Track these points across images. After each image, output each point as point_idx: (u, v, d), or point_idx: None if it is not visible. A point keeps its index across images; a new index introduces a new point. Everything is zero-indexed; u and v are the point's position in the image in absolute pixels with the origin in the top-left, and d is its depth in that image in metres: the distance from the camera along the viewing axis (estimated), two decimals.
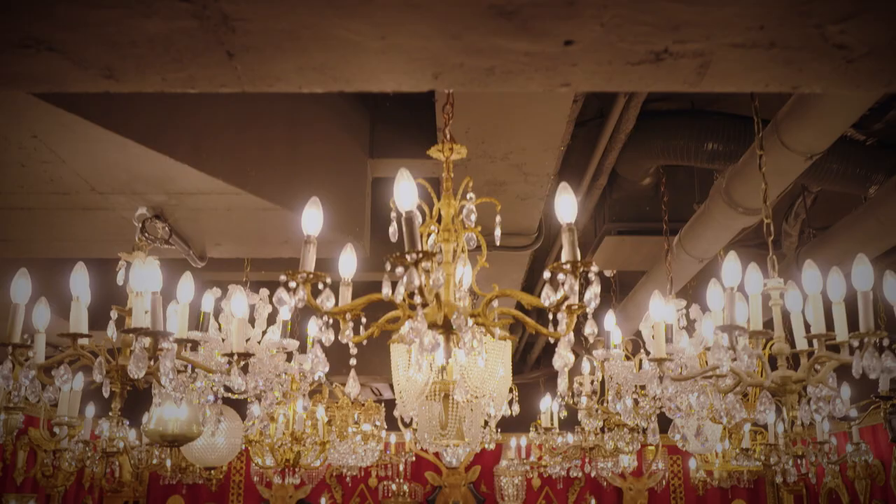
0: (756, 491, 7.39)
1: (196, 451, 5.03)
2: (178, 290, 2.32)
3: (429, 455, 7.17)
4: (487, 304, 1.92)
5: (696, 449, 4.43)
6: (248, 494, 7.40)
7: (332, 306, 1.86)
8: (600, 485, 7.34)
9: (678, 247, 3.63)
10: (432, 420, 3.37)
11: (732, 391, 2.51)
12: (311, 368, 1.90)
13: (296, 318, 4.83)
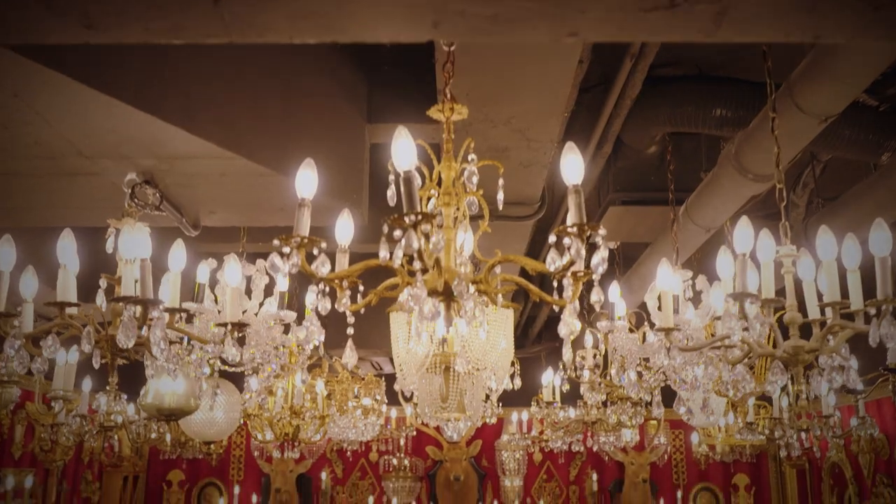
0: (758, 465, 7.37)
1: (194, 425, 4.98)
2: (170, 258, 2.24)
3: (429, 429, 7.13)
4: (490, 270, 1.84)
5: (700, 423, 4.38)
6: (248, 469, 7.38)
7: (327, 273, 1.78)
8: (602, 459, 7.31)
9: (684, 216, 3.54)
10: (433, 393, 3.31)
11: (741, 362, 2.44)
12: (306, 337, 1.82)
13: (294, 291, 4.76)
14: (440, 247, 1.61)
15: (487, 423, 5.91)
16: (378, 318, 3.92)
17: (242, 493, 7.25)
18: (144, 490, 7.33)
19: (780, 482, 7.28)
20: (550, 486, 7.35)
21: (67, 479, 6.09)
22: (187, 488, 7.36)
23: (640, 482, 7.04)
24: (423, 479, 7.27)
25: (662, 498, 7.24)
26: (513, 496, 7.16)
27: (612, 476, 7.34)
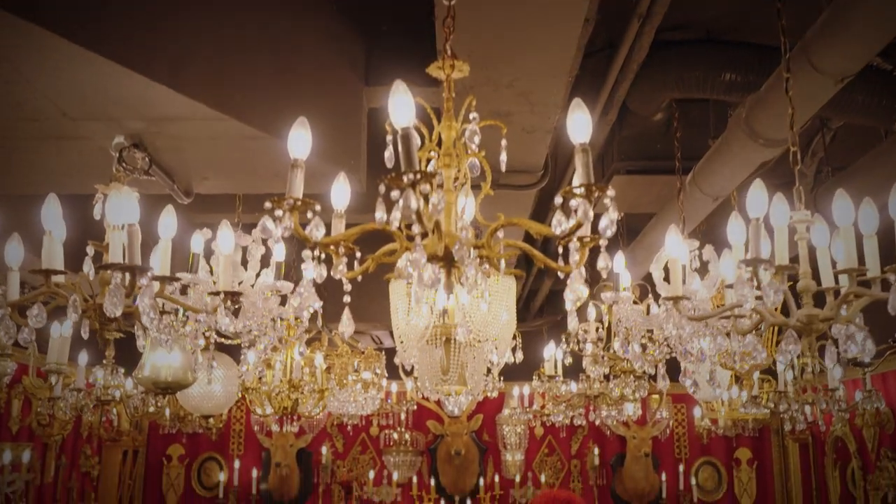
0: (761, 439, 7.33)
1: (192, 399, 4.93)
2: (160, 225, 2.16)
3: (430, 404, 7.09)
4: (492, 234, 1.76)
5: (705, 396, 4.32)
6: (248, 443, 7.35)
7: (322, 236, 1.70)
8: (603, 433, 7.28)
9: (691, 185, 3.45)
10: (433, 366, 3.24)
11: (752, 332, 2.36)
12: (301, 304, 1.74)
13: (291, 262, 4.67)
14: (440, 208, 1.52)
15: (489, 397, 5.88)
16: (377, 290, 3.83)
17: (242, 468, 7.22)
18: (144, 464, 7.30)
19: (783, 456, 7.25)
20: (552, 460, 7.32)
21: (66, 453, 6.05)
22: (187, 463, 7.33)
23: (642, 456, 7.01)
24: (423, 454, 7.24)
25: (664, 472, 7.21)
26: (514, 470, 7.13)
27: (613, 450, 7.31)
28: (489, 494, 7.16)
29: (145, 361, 3.94)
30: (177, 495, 7.27)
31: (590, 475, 7.23)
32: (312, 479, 7.23)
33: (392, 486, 7.05)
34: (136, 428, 7.27)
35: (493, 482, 7.20)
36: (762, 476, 7.27)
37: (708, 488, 7.26)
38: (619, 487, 7.17)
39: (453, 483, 7.10)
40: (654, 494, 7.11)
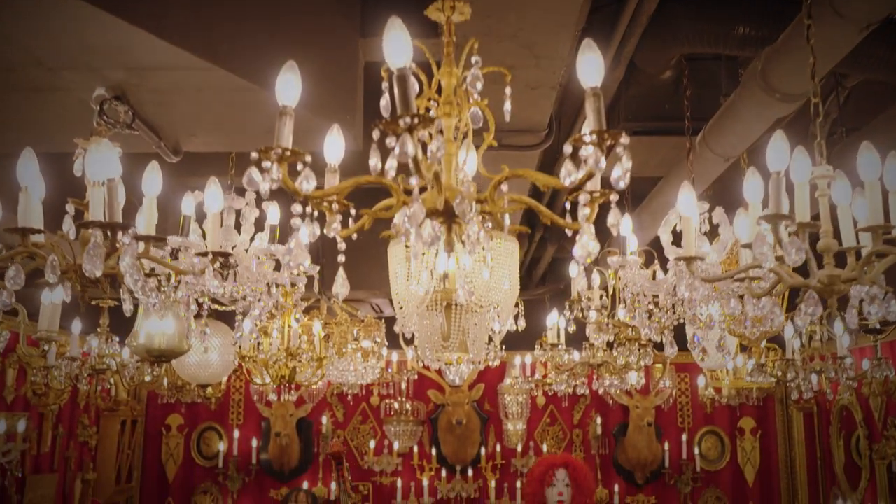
0: (765, 409, 7.27)
1: (189, 368, 4.85)
2: (144, 181, 2.04)
3: (431, 373, 7.02)
4: (496, 187, 1.64)
5: (713, 364, 4.22)
6: (247, 413, 7.29)
7: (312, 189, 1.58)
8: (606, 403, 7.21)
9: (702, 145, 3.32)
10: (433, 332, 3.14)
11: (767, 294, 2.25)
12: (290, 260, 1.63)
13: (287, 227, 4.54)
14: (440, 155, 1.40)
15: (490, 366, 5.78)
16: (377, 257, 3.71)
17: (242, 438, 7.17)
18: (143, 434, 7.25)
19: (787, 426, 7.19)
20: (554, 429, 7.26)
21: (63, 423, 5.99)
22: (186, 432, 7.28)
23: (645, 426, 6.95)
24: (424, 423, 7.18)
25: (667, 441, 7.16)
26: (515, 440, 7.08)
27: (616, 420, 7.25)
28: (490, 464, 7.11)
29: (138, 329, 3.85)
30: (176, 465, 7.23)
31: (592, 445, 7.18)
32: (313, 449, 7.18)
33: (393, 455, 7.00)
34: (135, 398, 7.21)
35: (494, 452, 7.15)
36: (766, 445, 7.22)
37: (711, 458, 7.20)
38: (621, 457, 7.12)
39: (454, 453, 7.05)
40: (656, 464, 7.06)
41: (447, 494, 7.01)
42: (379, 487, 7.10)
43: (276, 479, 7.12)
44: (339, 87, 2.49)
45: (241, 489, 7.12)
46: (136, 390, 7.27)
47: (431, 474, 7.09)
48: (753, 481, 7.16)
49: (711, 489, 7.13)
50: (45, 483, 5.68)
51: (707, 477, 7.15)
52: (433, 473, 7.09)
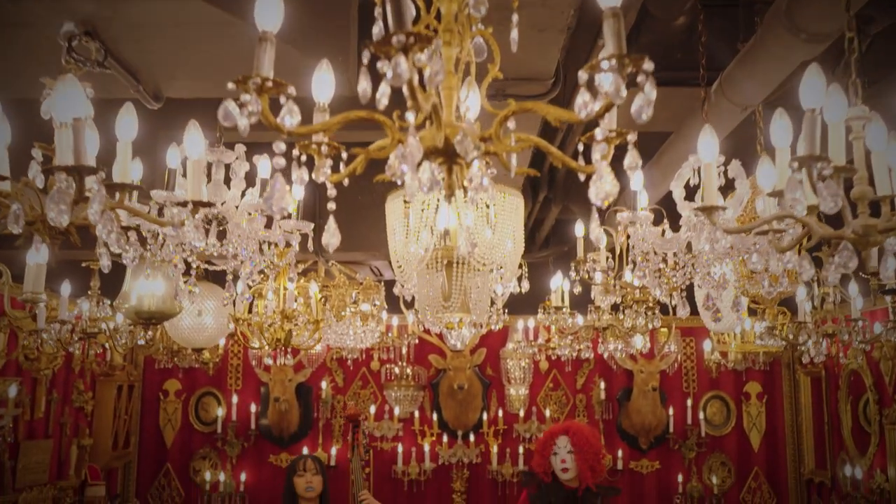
0: (771, 374, 7.15)
1: (183, 332, 4.72)
2: (118, 124, 1.87)
3: (432, 338, 6.89)
4: (502, 123, 1.47)
5: (725, 326, 4.07)
6: (246, 378, 7.18)
7: (296, 124, 1.41)
8: (610, 368, 7.10)
9: (717, 93, 3.14)
10: (434, 292, 2.99)
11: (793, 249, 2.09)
12: (272, 205, 1.47)
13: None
14: (438, 80, 1.23)
15: (492, 330, 5.65)
16: (376, 218, 3.55)
17: (240, 403, 7.07)
18: (140, 400, 7.16)
19: (794, 390, 7.08)
20: (557, 394, 7.16)
21: (57, 388, 5.88)
22: (184, 398, 7.18)
23: (650, 390, 6.84)
24: (425, 388, 7.07)
25: (672, 406, 7.05)
26: (518, 405, 6.98)
27: (620, 384, 7.14)
28: (492, 429, 7.01)
29: (127, 290, 3.71)
30: (174, 430, 7.14)
31: (595, 410, 7.08)
32: (312, 414, 7.08)
33: (393, 421, 6.90)
34: (132, 363, 7.10)
35: (496, 417, 7.05)
36: (772, 410, 7.12)
37: (716, 423, 7.11)
38: (625, 422, 7.02)
39: (456, 418, 6.95)
40: (661, 429, 6.96)
41: (448, 460, 6.93)
42: (379, 453, 7.01)
43: (275, 445, 7.04)
44: (331, 24, 2.31)
45: (240, 455, 7.04)
46: (133, 355, 7.16)
47: (433, 440, 6.99)
48: (759, 446, 7.07)
49: (716, 454, 7.05)
50: (39, 449, 5.59)
51: (712, 442, 7.05)
52: (434, 439, 7.00)
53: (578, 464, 4.83)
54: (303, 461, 4.76)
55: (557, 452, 4.92)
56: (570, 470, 4.85)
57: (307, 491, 4.66)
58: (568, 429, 4.99)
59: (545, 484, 4.94)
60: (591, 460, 4.84)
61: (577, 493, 4.88)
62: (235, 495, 6.90)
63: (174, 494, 7.05)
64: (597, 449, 4.91)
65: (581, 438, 4.87)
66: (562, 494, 4.85)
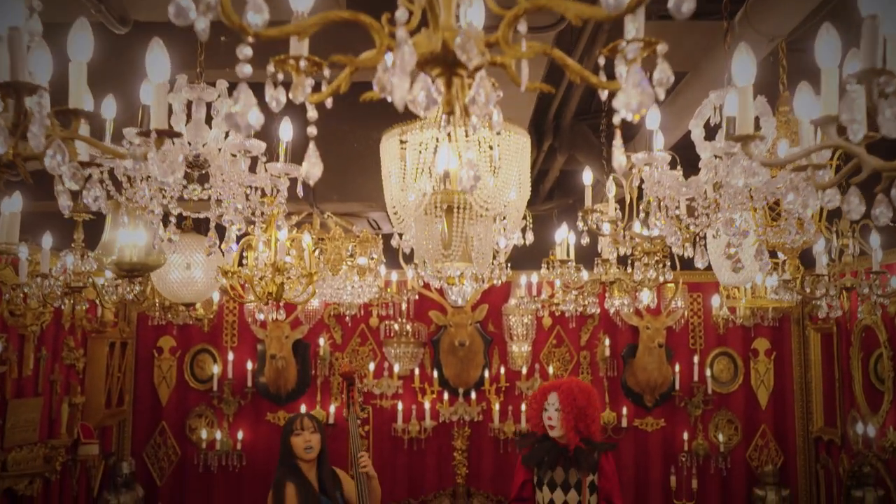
0: (780, 330, 6.96)
1: (171, 286, 4.51)
2: (69, 43, 1.64)
3: (433, 293, 6.69)
4: (511, 24, 1.23)
5: (744, 278, 3.86)
6: (242, 335, 7.01)
7: (263, 24, 1.18)
8: (615, 324, 6.91)
9: (742, 24, 2.88)
10: (433, 239, 2.78)
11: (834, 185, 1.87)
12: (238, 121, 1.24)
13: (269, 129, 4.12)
14: None
15: (495, 285, 5.45)
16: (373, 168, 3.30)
17: (237, 360, 6.91)
18: (134, 357, 6.99)
19: (803, 347, 6.90)
20: (560, 351, 6.99)
21: (46, 345, 5.70)
22: (179, 355, 7.02)
23: (656, 347, 6.65)
24: (426, 345, 6.90)
25: (678, 363, 6.89)
26: (520, 362, 6.81)
27: (625, 341, 6.96)
28: (494, 387, 6.85)
29: (107, 240, 3.49)
30: (169, 388, 6.99)
31: (600, 367, 6.91)
32: (310, 372, 6.92)
33: (393, 378, 6.75)
34: (124, 319, 6.92)
35: (498, 374, 6.89)
36: (780, 367, 6.95)
37: (723, 380, 6.94)
38: (630, 379, 6.86)
39: (457, 375, 6.79)
40: (666, 386, 6.80)
41: (450, 418, 6.78)
42: (379, 410, 6.88)
43: (272, 403, 6.90)
44: None
45: (236, 412, 6.90)
46: (126, 312, 6.98)
47: (433, 397, 6.84)
48: (767, 404, 6.92)
49: (723, 412, 6.90)
50: (28, 407, 5.43)
51: (719, 399, 6.90)
52: (435, 396, 6.85)
53: (563, 421, 4.74)
54: (299, 420, 4.58)
55: (547, 409, 4.83)
56: (555, 427, 4.78)
57: (306, 452, 4.49)
58: (559, 386, 4.88)
59: (537, 443, 4.87)
60: (576, 419, 4.73)
61: (567, 450, 4.80)
62: (232, 453, 6.78)
63: (170, 453, 6.92)
64: (582, 406, 4.78)
65: (568, 397, 4.75)
66: (554, 452, 4.77)
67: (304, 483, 4.42)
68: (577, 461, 4.71)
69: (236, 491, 6.79)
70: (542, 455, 4.77)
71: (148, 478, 6.84)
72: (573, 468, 4.69)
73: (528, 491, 4.87)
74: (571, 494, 4.69)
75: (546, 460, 4.74)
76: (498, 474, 6.80)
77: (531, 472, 4.83)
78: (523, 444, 4.96)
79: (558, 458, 4.76)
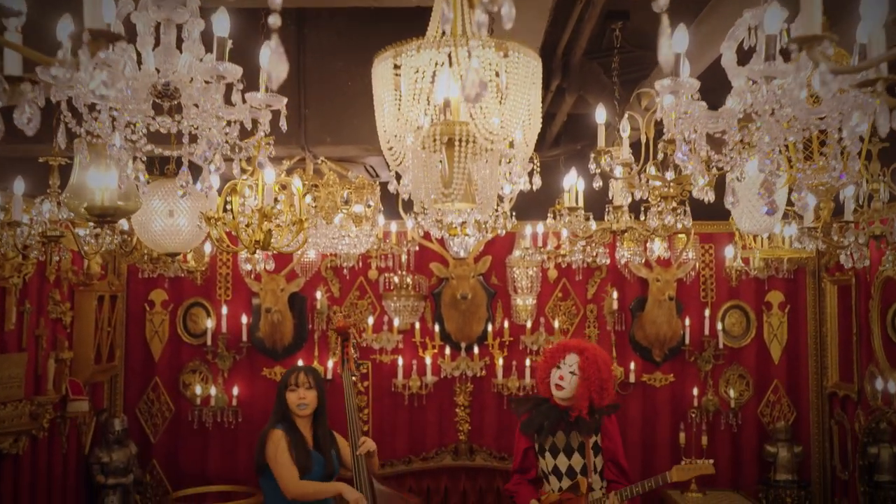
0: (795, 282, 6.70)
1: (154, 235, 4.22)
2: None
3: (434, 245, 6.42)
4: None
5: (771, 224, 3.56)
6: (236, 288, 6.76)
7: None
8: (623, 276, 6.66)
9: None
10: (431, 177, 2.49)
11: None
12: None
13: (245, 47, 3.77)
14: None
15: (499, 235, 5.16)
16: (367, 108, 2.97)
17: (231, 314, 6.67)
18: (125, 311, 6.75)
19: (819, 300, 6.64)
20: (566, 304, 6.73)
21: (30, 298, 5.45)
22: (171, 308, 6.78)
23: (666, 300, 6.39)
24: (427, 298, 6.65)
25: (688, 317, 6.64)
26: (525, 316, 6.56)
27: (633, 294, 6.70)
28: (498, 341, 6.62)
29: (76, 182, 3.20)
30: (162, 343, 6.77)
31: (607, 320, 6.67)
32: (307, 326, 6.68)
33: (393, 332, 6.51)
34: (114, 272, 6.67)
35: (502, 328, 6.65)
36: (794, 321, 6.70)
37: (735, 334, 6.70)
38: (638, 333, 6.62)
39: (459, 329, 6.54)
40: (676, 340, 6.56)
41: (451, 373, 6.56)
42: (378, 366, 6.66)
43: (268, 358, 6.68)
44: None
45: (231, 368, 6.69)
46: (116, 264, 6.73)
47: (434, 352, 6.61)
48: (780, 358, 6.69)
49: (734, 367, 6.67)
50: (12, 363, 5.20)
51: (730, 354, 6.67)
52: (436, 351, 6.62)
53: (579, 388, 4.47)
54: (295, 374, 4.34)
55: (560, 367, 4.54)
56: (564, 389, 4.50)
57: (300, 408, 4.26)
58: (584, 349, 4.59)
59: (534, 408, 4.61)
60: (594, 389, 4.47)
61: (569, 414, 4.54)
62: (228, 409, 6.58)
63: (163, 409, 6.73)
64: (604, 378, 4.52)
65: (591, 364, 4.48)
66: (553, 415, 4.52)
67: (296, 434, 4.20)
68: (578, 424, 4.47)
69: (232, 448, 6.61)
70: (541, 421, 4.52)
71: (141, 434, 6.66)
72: (574, 431, 4.45)
73: (531, 459, 4.64)
74: (575, 458, 4.46)
75: (546, 426, 4.49)
76: (501, 431, 6.61)
77: (531, 439, 4.59)
78: (520, 409, 4.70)
79: (558, 422, 4.51)
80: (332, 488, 4.08)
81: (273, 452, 4.08)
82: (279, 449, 4.07)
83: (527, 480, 4.60)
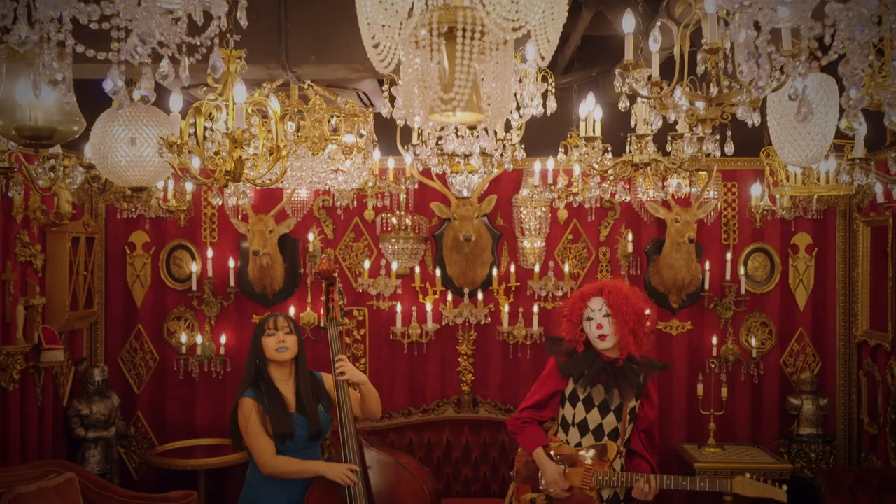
0: (824, 223, 6.21)
1: (117, 167, 3.72)
2: None
3: (435, 182, 5.93)
4: None
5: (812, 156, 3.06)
6: (222, 230, 6.29)
7: None
8: (639, 217, 6.17)
9: None
10: (428, 78, 1.99)
11: None
12: None
13: None
14: None
15: (506, 170, 4.65)
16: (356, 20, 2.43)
17: (217, 257, 6.21)
18: (104, 254, 6.30)
19: (849, 242, 6.15)
20: (577, 247, 6.26)
21: None
22: (153, 251, 6.32)
23: (685, 242, 5.90)
24: (427, 241, 6.18)
25: (708, 261, 6.17)
26: (533, 259, 6.10)
27: (649, 236, 6.22)
28: (503, 286, 6.16)
29: (2, 97, 2.69)
30: (144, 288, 6.33)
31: (621, 264, 6.20)
32: (299, 270, 6.23)
33: (391, 277, 6.05)
34: (90, 213, 6.19)
35: (508, 273, 6.19)
36: (822, 265, 6.23)
37: (758, 279, 6.24)
38: (654, 278, 6.16)
39: (462, 274, 6.08)
40: (694, 286, 6.10)
41: (454, 320, 6.12)
42: (375, 312, 6.23)
43: (258, 304, 6.24)
44: None
45: (219, 314, 6.26)
46: (94, 204, 6.25)
47: (436, 298, 6.17)
48: (805, 305, 6.23)
49: (756, 314, 6.22)
50: None
51: (753, 300, 6.21)
52: (437, 297, 6.17)
53: (618, 328, 3.96)
54: (273, 319, 3.90)
55: (592, 317, 4.01)
56: (608, 336, 3.96)
57: (279, 352, 3.82)
58: (602, 288, 4.08)
59: (578, 353, 4.08)
60: (633, 322, 3.97)
61: (616, 363, 4.01)
62: (215, 359, 6.18)
63: (147, 358, 6.32)
64: (639, 309, 4.03)
65: (619, 298, 3.99)
66: (598, 365, 3.99)
67: (273, 397, 3.76)
68: (626, 379, 3.93)
69: (220, 398, 6.22)
70: (583, 367, 3.99)
71: (124, 385, 6.27)
72: (616, 388, 3.91)
73: (555, 403, 4.14)
74: (609, 418, 3.96)
75: (587, 374, 3.96)
76: (506, 381, 6.20)
77: (565, 384, 4.06)
78: (558, 350, 4.13)
79: (601, 373, 3.98)
80: (310, 468, 3.69)
81: (244, 423, 3.67)
82: (250, 420, 3.66)
83: (537, 421, 4.11)
